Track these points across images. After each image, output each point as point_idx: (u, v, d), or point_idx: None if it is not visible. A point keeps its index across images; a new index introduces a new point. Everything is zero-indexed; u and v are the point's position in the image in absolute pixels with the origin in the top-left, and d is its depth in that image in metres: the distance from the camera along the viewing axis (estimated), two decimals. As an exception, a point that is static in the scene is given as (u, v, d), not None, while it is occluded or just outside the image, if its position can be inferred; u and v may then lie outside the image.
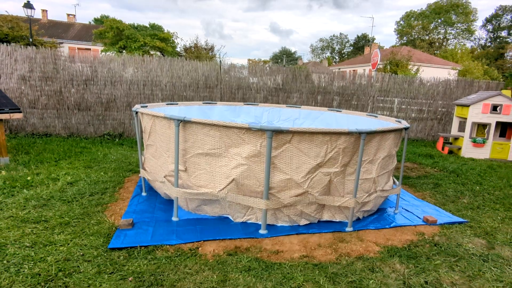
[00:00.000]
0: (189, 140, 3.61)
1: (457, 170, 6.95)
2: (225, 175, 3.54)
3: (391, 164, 4.29)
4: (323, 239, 3.51)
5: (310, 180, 3.54)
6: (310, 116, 7.17)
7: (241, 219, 3.79)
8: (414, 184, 5.93)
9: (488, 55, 44.00)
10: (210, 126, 3.44)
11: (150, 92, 8.60)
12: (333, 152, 3.53)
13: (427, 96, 10.86)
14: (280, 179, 3.47)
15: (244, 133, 3.36)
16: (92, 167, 5.74)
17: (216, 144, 3.49)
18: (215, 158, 3.56)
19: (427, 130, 11.14)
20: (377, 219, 4.13)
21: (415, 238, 3.67)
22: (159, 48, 25.69)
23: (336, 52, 73.11)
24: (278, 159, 3.42)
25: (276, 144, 3.37)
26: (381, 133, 3.79)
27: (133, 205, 4.10)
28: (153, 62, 8.50)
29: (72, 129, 8.28)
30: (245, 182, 3.51)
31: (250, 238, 3.41)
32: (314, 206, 3.72)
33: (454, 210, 4.66)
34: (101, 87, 8.22)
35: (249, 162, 3.43)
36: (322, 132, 3.37)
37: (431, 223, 4.09)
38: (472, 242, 3.63)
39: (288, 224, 3.77)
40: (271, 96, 9.57)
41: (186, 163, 3.71)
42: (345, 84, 10.21)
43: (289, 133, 3.33)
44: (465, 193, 5.50)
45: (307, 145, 3.43)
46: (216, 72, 8.99)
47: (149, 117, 4.08)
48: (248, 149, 3.40)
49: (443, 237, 3.74)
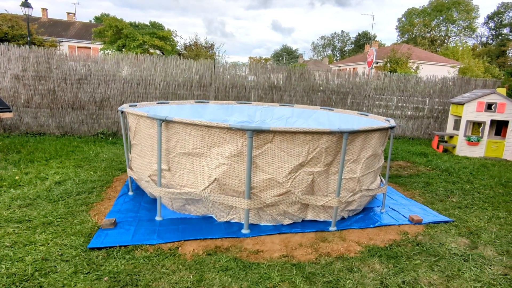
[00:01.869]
0: (172, 140, 3.61)
1: (450, 169, 6.92)
2: (207, 174, 3.54)
3: (377, 163, 4.28)
4: (305, 238, 3.51)
5: (293, 179, 3.54)
6: (303, 114, 7.16)
7: (225, 218, 3.79)
8: (405, 183, 5.92)
9: (490, 53, 43.69)
10: (192, 126, 3.44)
11: (144, 91, 8.61)
12: (315, 151, 3.52)
13: (424, 94, 10.82)
14: (262, 178, 3.47)
15: (226, 132, 3.36)
16: (82, 166, 5.76)
17: (198, 144, 3.49)
18: (198, 158, 3.56)
19: (423, 128, 11.10)
20: (362, 218, 4.13)
21: (398, 238, 3.66)
22: (158, 47, 25.69)
23: (338, 50, 72.90)
24: (259, 159, 3.42)
25: (258, 144, 3.36)
26: (365, 133, 3.78)
27: (118, 205, 4.12)
28: (146, 61, 8.50)
29: (66, 128, 8.30)
30: (227, 182, 3.51)
31: (232, 238, 3.42)
32: (297, 205, 3.71)
33: (442, 209, 4.65)
34: (95, 86, 8.23)
35: (231, 162, 3.43)
36: (303, 131, 3.36)
37: (416, 222, 4.08)
38: (455, 242, 3.62)
39: (271, 223, 3.77)
40: (265, 95, 9.56)
41: (170, 162, 3.71)
42: (340, 82, 10.18)
43: (270, 132, 3.33)
44: (454, 192, 5.48)
45: (289, 145, 3.42)
46: (210, 71, 8.98)
47: (133, 116, 4.09)
48: (230, 149, 3.40)
49: (426, 236, 3.73)
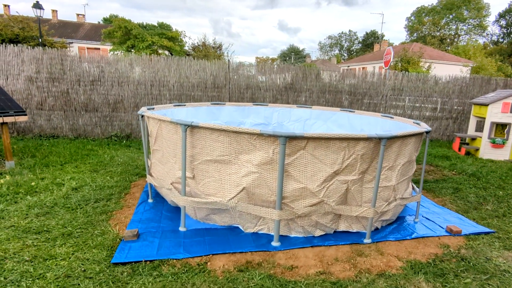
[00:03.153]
0: (197, 146, 3.41)
1: (477, 173, 6.62)
2: (235, 183, 3.33)
3: (410, 170, 4.03)
4: (340, 252, 3.28)
5: (326, 189, 3.31)
6: (322, 116, 6.92)
7: (252, 229, 3.58)
8: (433, 188, 5.64)
9: (502, 51, 42.81)
10: (219, 132, 3.23)
11: (157, 92, 8.44)
12: (350, 158, 3.28)
13: (442, 95, 10.48)
14: (293, 188, 3.25)
15: (255, 139, 3.14)
16: (98, 170, 5.60)
17: (225, 151, 3.28)
18: (225, 165, 3.35)
19: (442, 129, 10.76)
20: (396, 229, 3.88)
21: (439, 252, 3.40)
22: (167, 47, 25.63)
23: (345, 50, 72.24)
24: (291, 167, 3.19)
25: (290, 151, 3.14)
26: (402, 138, 3.53)
27: (138, 213, 3.93)
28: (160, 62, 8.33)
29: (79, 130, 8.17)
30: (257, 191, 3.29)
31: (262, 252, 3.20)
32: (330, 216, 3.48)
33: (478, 219, 4.38)
34: (108, 87, 8.09)
35: (261, 170, 3.21)
36: (339, 137, 3.13)
37: (455, 233, 3.82)
38: (502, 256, 3.36)
39: (302, 235, 3.55)
40: (280, 96, 9.33)
41: (194, 170, 3.51)
42: (356, 82, 9.91)
43: (303, 139, 3.10)
44: (488, 198, 5.19)
45: (323, 152, 3.19)
46: (225, 72, 8.78)
47: (155, 121, 3.89)
48: (260, 156, 3.18)
49: (470, 250, 3.47)
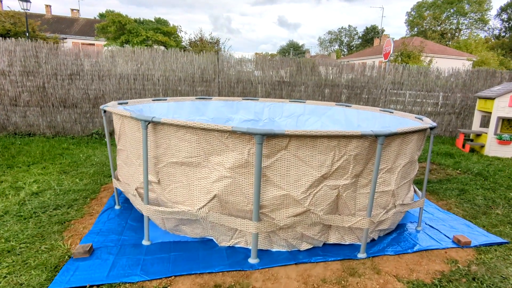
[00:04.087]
0: (161, 146, 2.90)
1: (483, 172, 6.11)
2: (206, 189, 2.82)
3: (412, 172, 3.51)
4: (329, 270, 2.78)
5: (313, 195, 2.80)
6: (316, 112, 6.40)
7: (228, 242, 3.07)
8: (436, 190, 5.13)
9: (504, 45, 42.09)
10: (185, 129, 2.72)
11: (141, 87, 7.91)
12: (342, 160, 2.77)
13: (445, 89, 9.94)
14: (274, 195, 2.74)
15: (227, 137, 2.63)
16: (68, 172, 5.09)
17: (193, 151, 2.77)
18: (193, 169, 2.84)
19: (445, 125, 10.23)
20: (396, 240, 3.37)
21: (446, 268, 2.90)
22: (162, 43, 25.04)
23: (345, 45, 71.40)
24: (271, 170, 2.68)
25: (269, 152, 2.63)
26: (403, 135, 3.02)
27: (100, 223, 3.42)
28: (144, 54, 7.79)
29: (57, 128, 7.65)
30: (230, 199, 2.78)
31: (236, 272, 2.69)
32: (318, 227, 2.98)
33: (489, 226, 3.87)
34: (88, 82, 7.56)
35: (235, 174, 2.70)
36: (327, 135, 2.61)
37: (464, 245, 3.32)
38: (520, 274, 2.86)
39: (285, 249, 3.04)
40: (273, 90, 8.79)
41: (159, 173, 3.00)
42: (354, 76, 9.37)
43: (284, 137, 2.59)
44: (497, 201, 4.68)
45: (309, 152, 2.68)
46: (214, 65, 8.24)
47: (117, 116, 3.38)
48: (233, 158, 2.67)
49: (481, 266, 2.96)
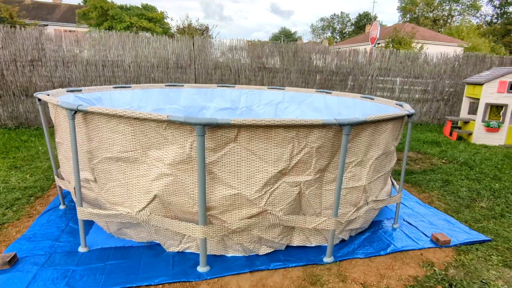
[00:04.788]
0: (94, 139, 2.49)
1: (469, 161, 5.82)
2: (145, 189, 2.43)
3: (388, 164, 3.17)
4: (288, 279, 2.43)
5: (269, 194, 2.43)
6: (296, 99, 6.02)
7: (176, 248, 2.71)
8: (419, 181, 4.82)
9: (495, 32, 41.83)
10: (118, 118, 2.31)
11: (111, 74, 7.39)
12: (302, 153, 2.40)
13: (433, 75, 9.59)
14: (223, 195, 2.36)
15: (165, 128, 2.23)
16: (20, 167, 4.64)
17: (128, 145, 2.36)
18: (130, 165, 2.44)
19: (433, 112, 9.93)
20: (368, 240, 3.04)
21: (421, 273, 2.58)
22: (147, 29, 24.17)
23: (337, 32, 70.46)
24: (218, 167, 2.30)
25: (215, 145, 2.24)
26: (374, 124, 2.65)
27: (37, 226, 3.02)
28: (112, 38, 7.25)
29: (20, 118, 7.13)
30: (173, 200, 2.40)
31: (179, 283, 2.34)
32: (277, 229, 2.62)
33: (471, 221, 3.57)
34: (52, 68, 7.02)
35: (176, 171, 2.32)
36: (283, 125, 2.23)
37: (443, 244, 3.00)
38: (502, 278, 2.55)
39: (242, 254, 2.69)
40: (254, 77, 8.35)
41: (95, 170, 2.60)
42: (340, 62, 8.95)
43: (232, 127, 2.20)
44: (482, 193, 4.39)
45: (263, 145, 2.30)
46: (189, 50, 7.75)
47: (52, 106, 2.95)
48: (173, 152, 2.28)
49: (460, 269, 2.65)
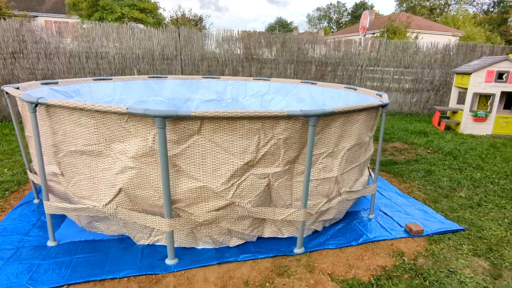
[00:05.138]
0: (58, 132, 2.45)
1: (454, 151, 5.83)
2: (110, 182, 2.40)
3: (363, 155, 3.15)
4: (256, 270, 2.44)
5: (237, 186, 2.41)
6: (281, 90, 5.98)
7: (146, 241, 2.70)
8: (401, 171, 4.82)
9: (491, 21, 41.61)
10: (80, 111, 2.26)
11: (95, 66, 7.29)
12: (269, 145, 2.38)
13: (423, 64, 9.55)
14: (188, 187, 2.34)
15: (127, 120, 2.19)
16: (-1, 161, 4.61)
17: (92, 138, 2.33)
18: (95, 158, 2.41)
19: (423, 102, 9.92)
20: (342, 230, 3.05)
21: (390, 263, 2.59)
22: (139, 20, 23.83)
23: (334, 22, 69.83)
24: (182, 159, 2.27)
25: (178, 137, 2.21)
26: (345, 115, 2.63)
27: (8, 220, 3.00)
28: (96, 30, 7.13)
29: (3, 112, 7.04)
30: (139, 193, 2.38)
31: (146, 276, 2.33)
32: (247, 221, 2.61)
33: (448, 210, 3.58)
34: (34, 60, 6.90)
35: (140, 164, 2.29)
36: (248, 116, 2.20)
37: (416, 234, 3.01)
38: (470, 267, 2.57)
39: (212, 245, 2.69)
40: (242, 68, 8.27)
41: (61, 164, 2.57)
42: (329, 52, 8.88)
43: (194, 119, 2.16)
44: (462, 182, 4.41)
45: (228, 137, 2.27)
46: (175, 41, 7.64)
47: (19, 99, 2.89)
48: (136, 145, 2.24)
49: (429, 258, 2.67)
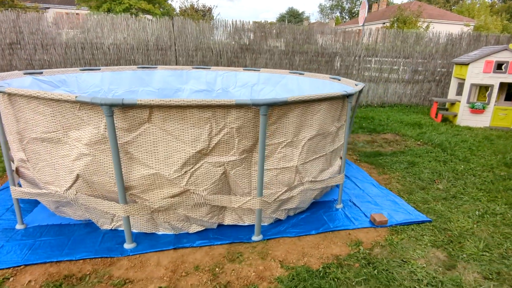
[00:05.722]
0: (21, 120, 2.54)
1: (445, 143, 5.74)
2: (68, 169, 2.49)
3: (329, 145, 3.15)
4: (209, 256, 2.50)
5: (191, 174, 2.47)
6: (271, 80, 5.98)
7: (109, 225, 2.79)
8: (384, 163, 4.79)
9: (510, 9, 40.03)
10: (37, 100, 2.34)
11: (90, 56, 7.41)
12: (222, 133, 2.41)
13: (424, 54, 9.32)
14: (142, 174, 2.41)
15: (80, 108, 2.26)
16: (-10, 148, 4.78)
17: (50, 126, 2.41)
18: (54, 145, 2.49)
19: (424, 94, 9.71)
20: (306, 219, 3.08)
21: (344, 252, 2.62)
22: (147, 11, 23.91)
23: (346, 12, 68.39)
24: (134, 147, 2.33)
25: (128, 125, 2.27)
26: (302, 104, 2.63)
27: (-16, 204, 3.15)
28: (91, 20, 7.22)
29: None
30: (95, 180, 2.46)
31: (101, 258, 2.43)
32: (205, 208, 2.67)
33: (420, 202, 3.56)
34: (31, 51, 7.06)
35: (94, 151, 2.36)
36: (197, 105, 2.23)
37: (379, 224, 3.02)
38: (425, 257, 2.57)
39: (171, 231, 2.76)
40: (237, 58, 8.25)
41: (26, 151, 2.67)
42: (326, 42, 8.76)
43: (142, 108, 2.21)
44: (443, 175, 4.36)
45: (178, 125, 2.31)
46: (169, 31, 7.67)
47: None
48: (89, 133, 2.31)
49: (386, 248, 2.68)
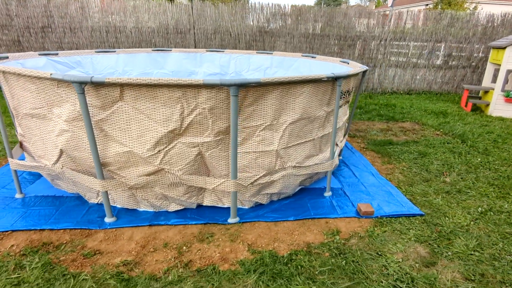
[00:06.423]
0: (14, 97, 2.71)
1: (467, 134, 5.32)
2: (53, 144, 2.64)
3: (317, 130, 3.04)
4: (181, 235, 2.55)
5: (164, 154, 2.51)
6: (284, 64, 5.86)
7: (96, 200, 2.94)
8: (393, 152, 4.55)
9: None
10: (25, 78, 2.48)
11: (114, 39, 7.68)
12: (194, 114, 2.41)
13: (459, 38, 8.58)
14: (117, 152, 2.48)
15: (58, 86, 2.36)
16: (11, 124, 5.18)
17: (36, 102, 2.55)
18: (41, 121, 2.64)
19: (457, 81, 9.00)
20: (288, 205, 3.02)
21: (318, 240, 2.55)
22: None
23: (389, -7, 64.40)
24: (108, 124, 2.41)
25: (102, 103, 2.33)
26: (282, 86, 2.54)
27: (-5, 175, 3.44)
28: (114, 5, 7.45)
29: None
30: (76, 155, 2.58)
31: (80, 230, 2.57)
32: (181, 188, 2.71)
33: (419, 194, 3.36)
34: (61, 35, 7.46)
35: (73, 128, 2.47)
36: (167, 84, 2.24)
37: (364, 215, 2.89)
38: (404, 252, 2.44)
39: (151, 209, 2.85)
40: (255, 42, 8.13)
41: (21, 126, 2.86)
42: (348, 25, 8.34)
43: (114, 86, 2.26)
44: (455, 167, 4.05)
45: (149, 104, 2.34)
46: (188, 15, 7.72)
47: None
48: (68, 110, 2.42)
49: (364, 239, 2.57)
